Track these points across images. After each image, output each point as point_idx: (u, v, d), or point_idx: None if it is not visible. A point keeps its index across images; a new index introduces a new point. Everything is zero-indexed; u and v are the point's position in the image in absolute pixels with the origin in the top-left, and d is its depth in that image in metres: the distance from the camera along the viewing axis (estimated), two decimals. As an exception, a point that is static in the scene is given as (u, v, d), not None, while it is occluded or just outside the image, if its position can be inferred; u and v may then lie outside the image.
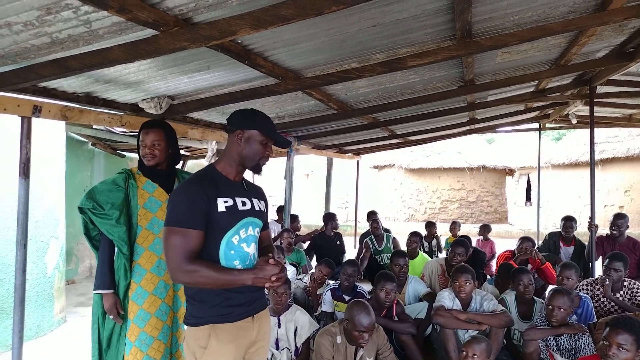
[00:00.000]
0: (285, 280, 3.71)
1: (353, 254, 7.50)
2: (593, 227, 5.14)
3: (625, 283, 4.14)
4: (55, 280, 4.90)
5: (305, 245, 7.04)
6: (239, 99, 3.54)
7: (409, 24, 2.72)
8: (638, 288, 4.09)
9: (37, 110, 2.82)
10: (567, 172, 15.55)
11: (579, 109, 6.95)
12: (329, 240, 6.71)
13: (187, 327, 1.95)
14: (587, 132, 5.52)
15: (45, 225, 4.72)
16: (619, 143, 13.67)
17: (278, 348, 3.62)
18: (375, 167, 17.39)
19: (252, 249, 2.02)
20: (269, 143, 2.02)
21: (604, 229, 6.30)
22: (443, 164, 16.11)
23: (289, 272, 5.01)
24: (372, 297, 3.97)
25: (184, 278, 1.83)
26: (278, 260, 1.91)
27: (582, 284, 4.27)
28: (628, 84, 5.54)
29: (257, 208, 2.06)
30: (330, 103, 4.48)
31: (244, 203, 2.00)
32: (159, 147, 2.58)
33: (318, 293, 4.56)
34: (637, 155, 13.00)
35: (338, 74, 3.29)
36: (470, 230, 10.98)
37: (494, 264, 6.29)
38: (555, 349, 3.36)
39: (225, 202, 1.92)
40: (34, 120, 2.85)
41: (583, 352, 3.25)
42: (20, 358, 2.80)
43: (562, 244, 5.73)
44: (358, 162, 11.10)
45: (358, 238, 8.31)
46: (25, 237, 2.81)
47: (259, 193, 2.14)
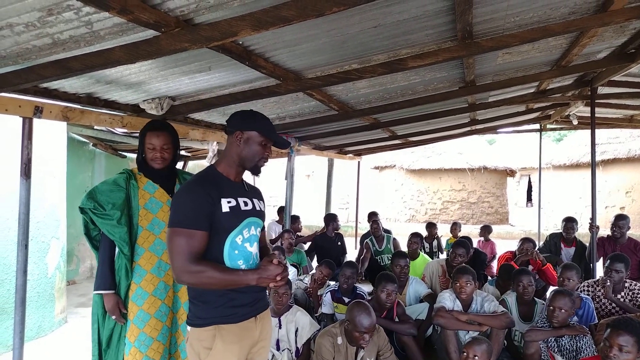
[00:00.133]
0: (286, 281, 3.71)
1: (354, 255, 7.51)
2: (594, 228, 5.14)
3: (626, 284, 4.14)
4: (56, 281, 4.91)
5: (306, 246, 7.04)
6: (240, 100, 3.54)
7: (410, 25, 2.72)
8: (639, 289, 4.08)
9: (38, 111, 2.83)
10: (568, 173, 15.53)
11: (580, 110, 6.95)
12: (330, 241, 6.71)
13: (190, 328, 1.94)
14: (588, 133, 5.53)
15: (47, 226, 4.73)
16: (620, 144, 13.66)
17: (279, 349, 3.62)
18: (376, 167, 17.38)
19: (254, 249, 2.04)
20: (268, 144, 2.03)
21: (605, 230, 6.28)
22: (444, 165, 16.09)
23: (290, 273, 5.01)
24: (372, 298, 3.97)
25: (189, 279, 1.82)
26: (280, 261, 1.92)
27: (583, 285, 4.27)
28: (629, 85, 5.54)
29: (257, 208, 2.08)
30: (331, 104, 4.48)
31: (246, 203, 2.01)
32: (168, 150, 2.59)
33: (319, 294, 4.56)
34: (638, 156, 12.97)
35: (339, 75, 3.29)
36: (471, 231, 10.97)
37: (495, 265, 6.29)
38: (556, 350, 3.35)
39: (229, 202, 1.93)
40: (35, 121, 2.85)
41: (584, 353, 3.24)
42: (21, 358, 2.81)
43: (563, 245, 5.73)
44: (359, 162, 11.11)
45: (359, 239, 8.31)
46: (27, 237, 2.82)
47: (258, 193, 2.17)
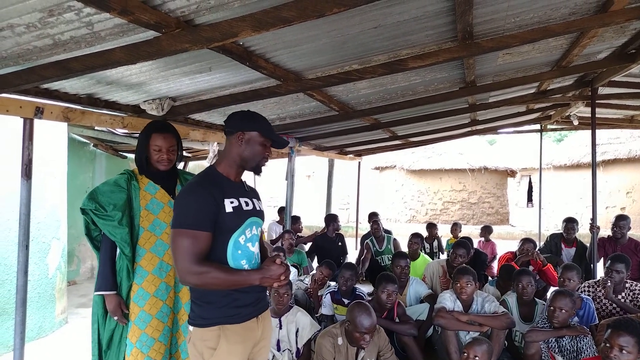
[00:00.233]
0: (288, 281, 3.71)
1: (354, 256, 7.50)
2: (594, 228, 5.14)
3: (627, 285, 4.13)
4: (57, 281, 4.91)
5: (307, 247, 7.04)
6: (241, 101, 3.54)
7: (410, 26, 2.72)
8: (640, 290, 4.09)
9: (39, 112, 2.83)
10: (568, 173, 15.53)
11: (581, 111, 6.95)
12: (331, 242, 6.71)
13: (193, 328, 1.94)
14: (588, 133, 5.53)
15: (47, 227, 4.73)
16: (621, 144, 13.65)
17: (279, 349, 3.62)
18: (377, 168, 17.38)
19: (256, 249, 2.06)
20: (269, 144, 2.06)
21: (606, 231, 6.28)
22: (444, 165, 16.08)
23: (291, 273, 5.01)
24: (373, 298, 3.97)
25: (194, 280, 1.82)
26: (282, 261, 1.95)
27: (583, 286, 4.26)
28: (629, 86, 5.54)
29: (257, 208, 2.10)
30: (332, 104, 4.48)
31: (247, 203, 2.03)
32: (173, 151, 2.59)
33: (319, 294, 4.56)
34: (638, 157, 12.97)
35: (339, 76, 3.29)
36: (472, 232, 10.97)
37: (496, 266, 6.28)
38: (557, 351, 3.35)
39: (232, 202, 1.94)
40: (36, 122, 2.86)
41: (585, 354, 3.24)
42: (22, 359, 2.81)
43: (563, 246, 5.73)
44: (359, 163, 11.11)
45: (359, 239, 8.31)
46: (27, 238, 2.82)
47: (256, 193, 2.19)
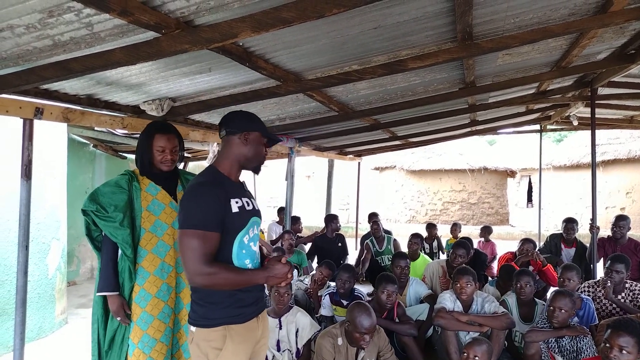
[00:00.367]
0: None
1: (354, 256, 7.50)
2: (594, 228, 5.14)
3: (627, 285, 4.14)
4: (57, 282, 4.91)
5: (307, 247, 7.04)
6: (240, 101, 3.54)
7: (410, 26, 2.72)
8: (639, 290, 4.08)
9: (39, 112, 2.83)
10: (568, 173, 15.53)
11: (580, 111, 6.95)
12: (330, 242, 6.71)
13: (195, 328, 1.93)
14: (588, 133, 5.53)
15: (47, 227, 4.73)
16: (621, 145, 13.66)
17: (279, 350, 3.62)
18: (377, 168, 17.39)
19: (257, 248, 2.09)
20: (266, 143, 2.10)
21: (605, 231, 6.28)
22: (444, 166, 16.09)
23: (291, 273, 5.00)
24: (373, 298, 3.97)
25: (204, 281, 1.81)
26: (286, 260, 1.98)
27: (583, 286, 4.27)
28: (629, 86, 5.54)
29: (257, 208, 2.13)
30: (331, 105, 4.48)
31: (248, 203, 2.05)
32: (176, 152, 2.60)
33: (319, 294, 4.56)
34: (638, 157, 12.98)
35: (339, 76, 3.29)
36: (472, 232, 10.97)
37: (495, 266, 6.29)
38: (557, 351, 3.35)
39: (237, 202, 1.96)
40: (36, 122, 2.86)
41: (584, 354, 3.25)
42: (22, 359, 2.81)
43: (563, 246, 5.73)
44: (359, 163, 11.11)
45: (359, 240, 8.31)
46: (27, 238, 2.82)
47: (251, 193, 2.21)
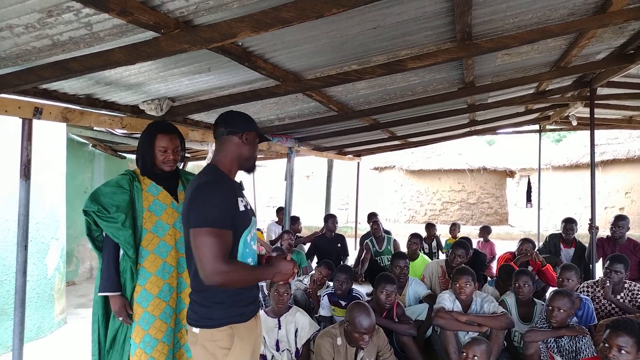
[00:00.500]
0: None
1: (354, 256, 7.50)
2: (593, 228, 5.14)
3: (626, 285, 4.14)
4: (56, 282, 4.91)
5: (306, 247, 7.04)
6: (240, 101, 3.54)
7: (409, 26, 2.73)
8: (639, 290, 4.09)
9: (38, 112, 2.83)
10: (567, 173, 15.53)
11: (580, 111, 6.95)
12: (329, 242, 6.71)
13: (198, 329, 1.91)
14: (587, 133, 5.52)
15: (46, 227, 4.73)
16: (620, 145, 13.66)
17: (278, 349, 3.62)
18: (376, 168, 17.38)
19: (256, 247, 2.11)
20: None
21: (605, 231, 6.30)
22: (443, 166, 16.08)
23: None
24: (372, 298, 3.97)
25: (220, 279, 1.79)
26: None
27: (582, 286, 4.27)
28: (628, 86, 5.54)
29: (253, 208, 2.13)
30: (331, 105, 4.48)
31: (247, 203, 2.08)
32: (178, 152, 2.60)
33: (318, 294, 4.56)
34: (637, 157, 12.97)
35: (338, 76, 3.29)
36: (471, 232, 10.98)
37: (495, 266, 6.29)
38: (556, 351, 3.36)
39: (242, 201, 1.99)
40: (35, 122, 2.85)
41: (583, 354, 3.25)
42: (21, 359, 2.81)
43: (562, 246, 5.74)
44: (358, 163, 11.11)
45: (358, 240, 8.31)
46: (26, 238, 2.82)
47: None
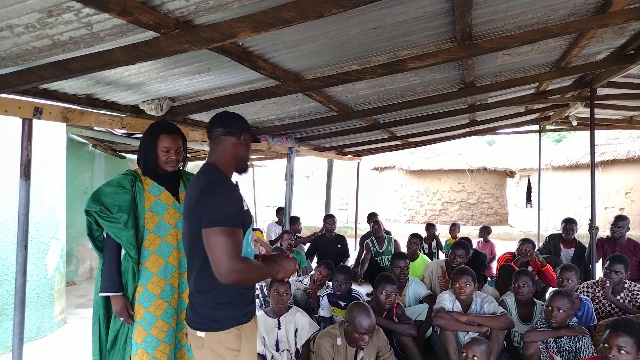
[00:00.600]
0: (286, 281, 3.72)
1: (354, 256, 7.50)
2: (593, 229, 5.14)
3: (626, 285, 4.14)
4: (56, 282, 4.91)
5: (306, 247, 7.04)
6: (240, 101, 3.54)
7: (410, 26, 2.73)
8: (638, 290, 4.09)
9: (38, 112, 2.83)
10: (567, 174, 15.54)
11: (580, 111, 6.96)
12: (329, 243, 6.71)
13: (205, 333, 1.88)
14: (587, 134, 5.52)
15: (46, 227, 4.73)
16: (620, 145, 13.66)
17: (278, 349, 3.62)
18: (376, 168, 17.38)
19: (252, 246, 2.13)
20: None
21: (605, 231, 6.29)
22: (443, 166, 16.08)
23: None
24: (372, 299, 3.97)
25: (236, 277, 1.79)
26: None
27: (582, 286, 4.27)
28: (628, 86, 5.54)
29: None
30: (331, 105, 4.48)
31: (246, 203, 2.08)
32: (180, 152, 2.59)
33: (318, 294, 4.56)
34: (637, 157, 12.97)
35: (338, 76, 3.29)
36: (471, 232, 10.97)
37: (494, 266, 6.29)
38: (556, 351, 3.35)
39: (244, 201, 2.00)
40: (35, 122, 2.85)
41: (583, 354, 3.25)
42: (21, 359, 2.81)
43: (562, 246, 5.74)
44: (358, 163, 11.11)
45: (358, 240, 8.31)
46: (26, 238, 2.81)
47: None
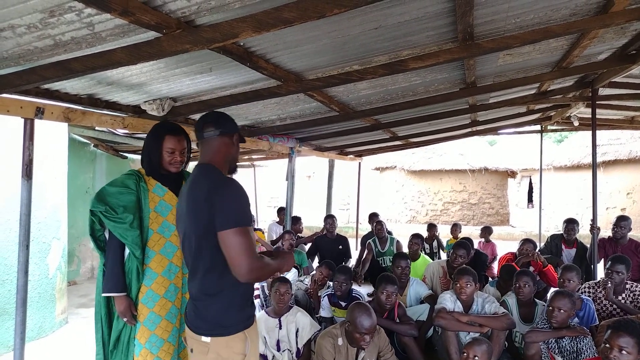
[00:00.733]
0: (287, 281, 3.72)
1: (355, 257, 7.50)
2: (595, 229, 5.13)
3: (627, 286, 4.13)
4: (57, 282, 4.91)
5: (307, 247, 7.04)
6: (241, 101, 3.54)
7: (411, 27, 2.73)
8: (640, 291, 4.08)
9: (39, 112, 2.83)
10: (569, 174, 15.52)
11: (581, 111, 6.95)
12: (330, 243, 6.70)
13: (211, 338, 1.85)
14: (589, 134, 5.53)
15: (48, 227, 4.74)
16: (621, 145, 13.65)
17: (279, 349, 3.62)
18: (377, 168, 17.39)
19: None
20: None
21: (606, 232, 6.28)
22: (445, 166, 16.09)
23: (291, 273, 5.02)
24: (373, 299, 3.97)
25: (254, 275, 1.80)
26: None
27: (584, 287, 4.26)
28: (630, 86, 5.53)
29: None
30: (332, 105, 4.48)
31: None
32: (184, 153, 2.59)
33: (319, 294, 4.56)
34: (639, 158, 12.97)
35: (340, 76, 3.29)
36: (472, 232, 10.96)
37: (496, 266, 6.28)
38: (557, 352, 3.35)
39: None
40: (37, 122, 2.86)
41: (585, 354, 3.24)
42: (22, 359, 2.81)
43: (564, 247, 5.73)
44: (360, 163, 11.11)
45: (359, 240, 8.31)
46: (28, 238, 2.82)
47: None
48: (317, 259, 6.72)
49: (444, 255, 7.23)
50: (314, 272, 5.13)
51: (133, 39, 2.21)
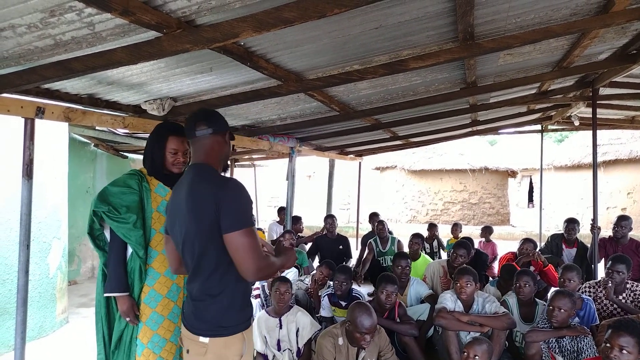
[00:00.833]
0: (287, 280, 3.72)
1: (355, 255, 7.50)
2: (595, 229, 5.13)
3: (628, 285, 4.13)
4: (58, 281, 4.92)
5: (308, 247, 7.04)
6: (241, 101, 3.54)
7: (411, 26, 2.73)
8: (641, 290, 4.08)
9: (40, 112, 2.84)
10: (569, 174, 15.52)
11: (582, 111, 6.95)
12: (330, 243, 6.71)
13: (210, 339, 1.83)
14: (589, 133, 5.53)
15: (48, 226, 4.74)
16: (622, 145, 13.65)
17: (280, 349, 3.63)
18: (377, 168, 17.39)
19: None
20: None
21: (607, 231, 6.28)
22: (445, 166, 16.08)
23: (291, 273, 5.02)
24: (374, 299, 3.98)
25: (262, 274, 1.82)
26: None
27: (584, 286, 4.26)
28: (631, 86, 5.53)
29: None
30: (332, 105, 4.48)
31: None
32: (187, 154, 2.58)
33: (319, 294, 4.56)
34: (639, 157, 12.96)
35: (340, 76, 3.29)
36: (472, 232, 10.96)
37: (496, 266, 6.28)
38: (557, 351, 3.35)
39: None
40: (37, 122, 2.86)
41: (585, 354, 3.24)
42: (23, 359, 2.81)
43: (564, 246, 5.73)
44: (360, 163, 11.11)
45: (359, 239, 8.31)
46: (28, 238, 2.82)
47: None
48: (317, 259, 6.73)
49: (445, 255, 7.23)
50: (315, 271, 5.14)
51: (133, 39, 2.21)
